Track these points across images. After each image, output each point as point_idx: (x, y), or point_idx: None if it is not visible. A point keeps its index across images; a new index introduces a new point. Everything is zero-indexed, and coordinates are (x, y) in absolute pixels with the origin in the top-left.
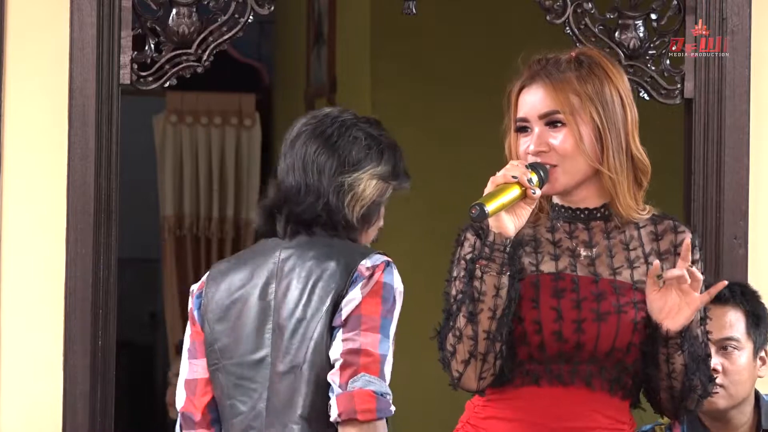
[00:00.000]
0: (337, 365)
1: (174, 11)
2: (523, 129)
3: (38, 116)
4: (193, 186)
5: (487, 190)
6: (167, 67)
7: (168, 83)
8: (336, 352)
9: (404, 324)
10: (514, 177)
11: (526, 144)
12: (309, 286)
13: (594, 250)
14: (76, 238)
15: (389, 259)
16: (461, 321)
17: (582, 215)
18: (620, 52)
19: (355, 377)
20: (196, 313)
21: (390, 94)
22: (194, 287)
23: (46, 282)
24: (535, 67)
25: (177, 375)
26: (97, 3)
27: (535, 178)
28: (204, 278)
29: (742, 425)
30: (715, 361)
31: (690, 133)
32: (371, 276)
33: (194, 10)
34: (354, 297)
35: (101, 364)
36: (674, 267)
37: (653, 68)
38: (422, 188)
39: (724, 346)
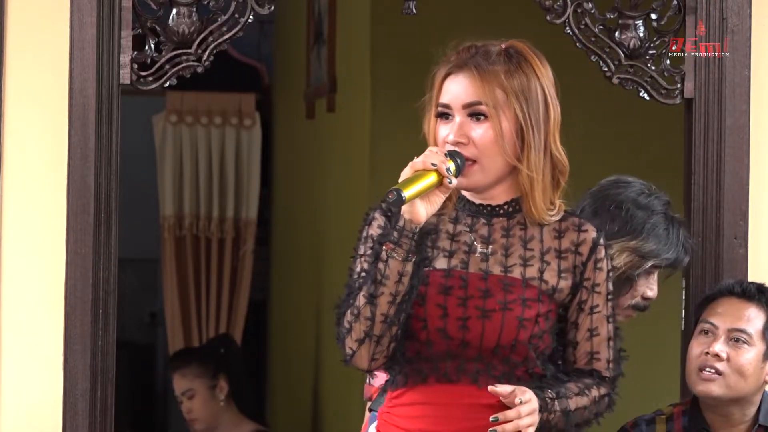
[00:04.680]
0: None
1: (174, 11)
2: (444, 115)
3: (38, 116)
4: (193, 186)
5: (405, 175)
6: (167, 67)
7: (168, 83)
8: None
9: None
10: (433, 164)
11: (445, 132)
12: None
13: (490, 246)
14: (76, 238)
15: None
16: (360, 300)
17: (485, 211)
18: (620, 52)
19: None
20: None
21: (390, 94)
22: None
23: (46, 282)
24: (464, 55)
25: None
26: (97, 3)
27: (452, 166)
28: None
29: (743, 423)
30: (721, 348)
31: (690, 133)
32: None
33: (194, 10)
34: None
35: (101, 364)
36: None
37: (653, 68)
38: None
39: (734, 337)
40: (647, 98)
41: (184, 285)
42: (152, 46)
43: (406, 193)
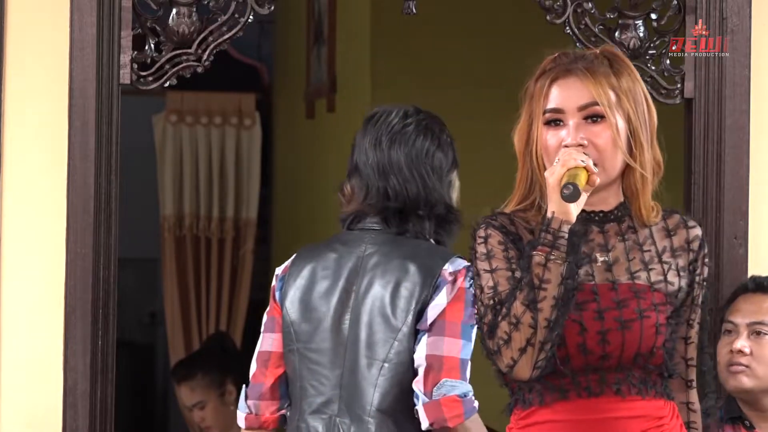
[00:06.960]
0: (421, 371)
1: (174, 11)
2: (555, 122)
3: (38, 116)
4: (193, 186)
5: (558, 173)
6: (167, 67)
7: (168, 83)
8: (420, 356)
9: None
10: (582, 161)
11: (556, 137)
12: (393, 285)
13: (611, 254)
14: (76, 238)
15: (468, 264)
16: (518, 309)
17: (596, 218)
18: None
19: (438, 384)
20: (277, 293)
21: (390, 94)
22: (279, 270)
23: (46, 282)
24: (564, 60)
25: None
26: (97, 3)
27: (592, 163)
28: (289, 261)
29: None
30: (743, 344)
31: (690, 133)
32: (454, 281)
33: (194, 10)
34: (439, 302)
35: (101, 364)
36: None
37: (653, 68)
38: None
39: (756, 331)
40: None
41: (184, 285)
42: (152, 46)
43: (580, 187)
